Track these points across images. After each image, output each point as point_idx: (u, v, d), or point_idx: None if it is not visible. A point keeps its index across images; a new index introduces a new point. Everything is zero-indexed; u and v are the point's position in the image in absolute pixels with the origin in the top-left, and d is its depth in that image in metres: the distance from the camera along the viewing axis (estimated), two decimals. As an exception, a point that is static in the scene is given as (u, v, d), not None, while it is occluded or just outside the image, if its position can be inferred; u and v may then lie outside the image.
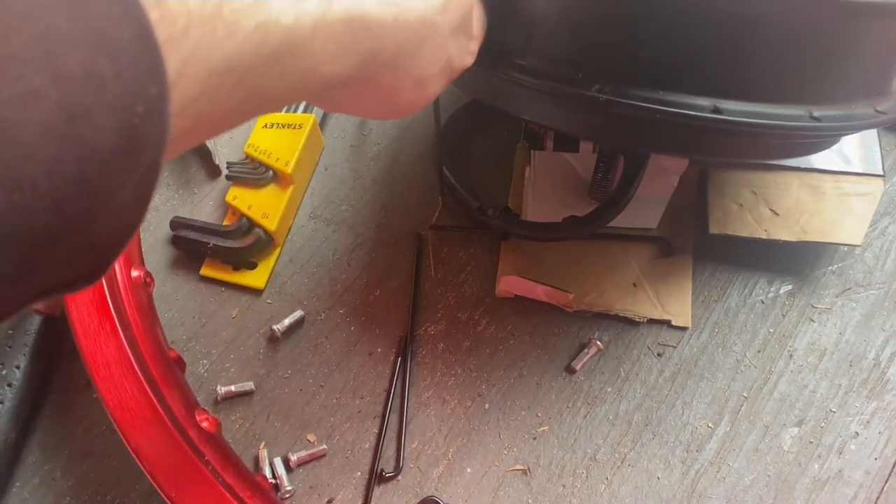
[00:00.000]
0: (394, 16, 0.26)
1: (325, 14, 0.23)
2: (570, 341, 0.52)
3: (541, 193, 0.55)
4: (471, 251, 0.56)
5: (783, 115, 0.36)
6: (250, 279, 0.54)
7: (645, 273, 0.54)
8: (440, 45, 0.30)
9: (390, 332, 0.52)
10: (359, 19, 0.24)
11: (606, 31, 0.36)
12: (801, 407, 0.50)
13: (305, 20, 0.22)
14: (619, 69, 0.36)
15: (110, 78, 0.16)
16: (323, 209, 0.57)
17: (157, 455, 0.41)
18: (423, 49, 0.29)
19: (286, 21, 0.21)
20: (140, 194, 0.18)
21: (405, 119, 0.61)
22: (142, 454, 0.41)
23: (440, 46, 0.30)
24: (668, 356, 0.51)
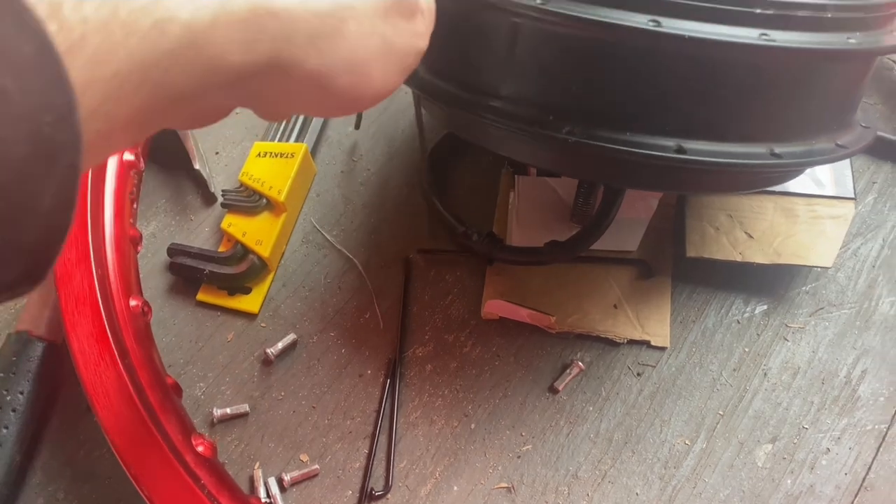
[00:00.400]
0: (301, 1, 0.26)
1: (225, 4, 0.23)
2: (552, 362, 0.54)
3: (525, 218, 0.57)
4: (457, 274, 0.58)
5: (745, 153, 0.38)
6: (245, 304, 0.56)
7: (625, 295, 0.56)
8: (366, 26, 0.29)
9: (380, 354, 0.54)
10: (262, 6, 0.24)
11: (575, 76, 0.38)
12: (774, 424, 0.51)
13: (203, 13, 0.22)
14: (587, 112, 0.38)
15: (15, 92, 0.18)
16: (314, 234, 0.60)
17: (155, 480, 0.43)
18: (344, 32, 0.28)
19: (183, 15, 0.22)
20: (62, 198, 0.20)
21: (393, 145, 0.64)
22: (140, 479, 0.43)
23: (367, 28, 0.29)
24: (648, 375, 0.53)
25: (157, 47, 0.21)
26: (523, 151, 0.43)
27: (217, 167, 0.63)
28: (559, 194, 0.59)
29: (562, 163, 0.42)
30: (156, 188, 0.62)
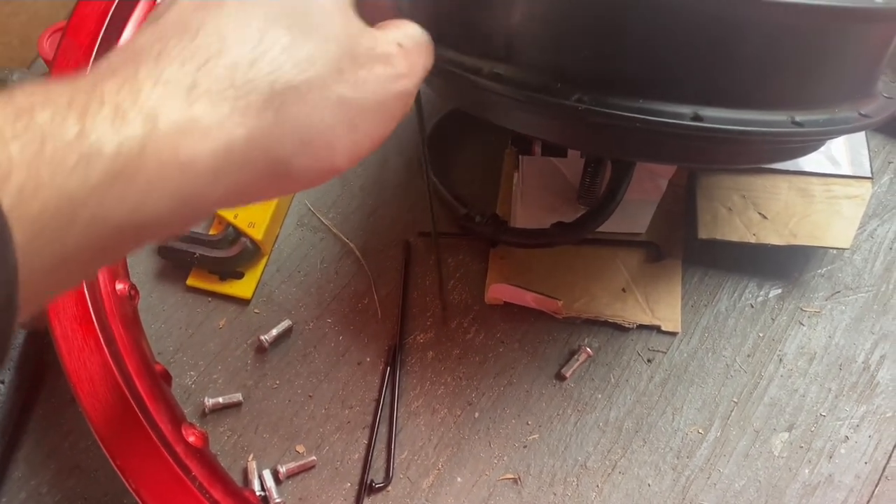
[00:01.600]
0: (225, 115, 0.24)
1: (152, 133, 0.22)
2: (559, 348, 0.52)
3: (529, 199, 0.55)
4: (459, 258, 0.55)
5: (765, 120, 0.36)
6: (237, 289, 0.54)
7: (634, 278, 0.54)
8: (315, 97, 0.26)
9: (379, 341, 0.52)
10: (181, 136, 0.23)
11: (585, 39, 0.36)
12: (791, 411, 0.49)
13: (130, 144, 0.22)
14: (598, 78, 0.36)
15: None
16: (310, 217, 0.57)
17: (143, 472, 0.41)
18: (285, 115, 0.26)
19: (108, 149, 0.21)
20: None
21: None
22: (127, 471, 0.40)
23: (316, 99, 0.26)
24: (658, 362, 0.51)
25: (84, 183, 0.21)
26: (529, 122, 0.41)
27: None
28: (565, 175, 0.56)
29: (570, 134, 0.40)
30: (145, 171, 0.60)
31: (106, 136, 0.21)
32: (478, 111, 0.43)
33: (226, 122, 0.24)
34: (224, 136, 0.24)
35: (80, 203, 0.21)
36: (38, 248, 0.21)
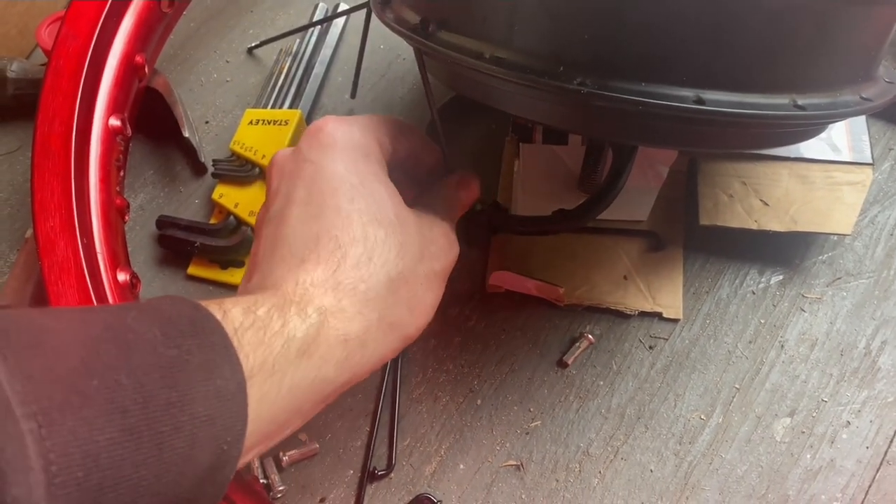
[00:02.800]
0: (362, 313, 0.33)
1: (323, 323, 0.31)
2: (561, 335, 0.52)
3: (530, 187, 0.55)
4: (460, 247, 0.55)
5: (767, 104, 0.36)
6: (238, 278, 0.54)
7: (635, 266, 0.54)
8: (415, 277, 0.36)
9: (380, 329, 0.52)
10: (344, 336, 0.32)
11: (587, 22, 0.35)
12: (792, 397, 0.49)
13: (310, 331, 0.30)
14: (599, 61, 0.36)
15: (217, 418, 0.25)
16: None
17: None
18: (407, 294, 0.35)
19: (299, 335, 0.30)
20: (214, 500, 0.27)
21: (392, 112, 0.61)
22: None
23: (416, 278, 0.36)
24: (660, 348, 0.51)
25: (287, 358, 0.29)
26: (531, 107, 0.41)
27: (207, 136, 0.60)
28: (565, 162, 0.56)
29: (572, 118, 0.40)
30: (143, 159, 0.59)
31: (297, 326, 0.30)
32: (479, 96, 0.43)
33: (364, 310, 0.32)
34: (365, 320, 0.32)
35: (283, 373, 0.29)
36: (258, 408, 0.28)
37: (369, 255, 0.33)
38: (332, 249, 0.33)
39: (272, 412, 0.29)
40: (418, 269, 0.35)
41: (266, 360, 0.28)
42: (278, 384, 0.29)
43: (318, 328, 0.30)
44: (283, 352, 0.29)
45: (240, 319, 0.28)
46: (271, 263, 0.33)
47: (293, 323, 0.30)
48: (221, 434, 0.25)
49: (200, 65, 0.64)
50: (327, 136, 0.36)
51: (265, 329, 0.28)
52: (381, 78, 0.62)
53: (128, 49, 0.51)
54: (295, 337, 0.29)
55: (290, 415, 0.30)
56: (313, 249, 0.33)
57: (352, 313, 0.32)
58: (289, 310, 0.30)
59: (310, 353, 0.30)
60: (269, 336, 0.28)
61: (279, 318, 0.29)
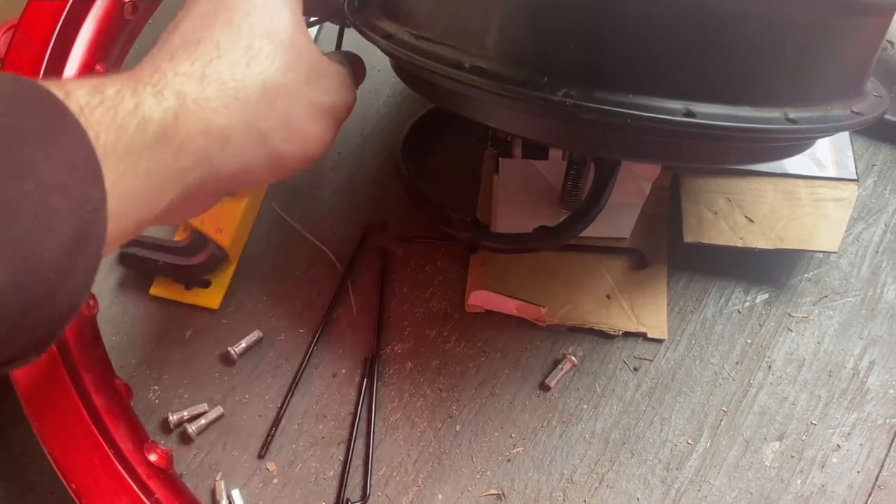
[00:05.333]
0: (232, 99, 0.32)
1: (182, 107, 0.29)
2: (543, 357, 0.50)
3: (509, 203, 0.53)
4: (437, 264, 0.53)
5: (758, 117, 0.35)
6: (204, 298, 0.51)
7: (619, 284, 0.52)
8: (293, 98, 0.34)
9: (355, 352, 0.50)
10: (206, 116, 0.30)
11: (573, 29, 0.34)
12: (781, 420, 0.48)
13: (168, 114, 0.28)
14: (586, 72, 0.34)
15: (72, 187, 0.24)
16: (281, 222, 0.55)
17: (101, 495, 0.38)
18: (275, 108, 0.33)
19: (156, 116, 0.28)
20: (86, 278, 0.25)
21: (367, 127, 0.59)
22: (84, 495, 0.37)
23: (294, 99, 0.34)
24: (645, 370, 0.50)
25: (143, 139, 0.27)
26: (512, 120, 0.39)
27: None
28: (546, 177, 0.55)
29: (556, 131, 0.38)
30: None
31: (153, 108, 0.28)
32: (458, 108, 0.41)
33: (231, 107, 0.31)
34: (230, 117, 0.31)
35: (139, 155, 0.27)
36: (117, 187, 0.26)
37: (247, 62, 0.32)
38: (210, 50, 0.32)
39: (132, 191, 0.27)
40: (302, 91, 0.34)
41: (119, 139, 0.26)
42: (135, 166, 0.27)
43: (177, 113, 0.29)
44: (138, 133, 0.27)
45: (85, 99, 0.26)
46: (146, 58, 0.32)
47: (148, 104, 0.28)
48: (79, 203, 0.24)
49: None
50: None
51: (116, 108, 0.27)
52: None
53: (87, 58, 0.48)
54: (151, 119, 0.28)
55: (151, 198, 0.29)
56: (189, 49, 0.31)
57: (215, 105, 0.30)
58: (143, 90, 0.28)
59: (167, 137, 0.28)
60: (121, 116, 0.27)
61: (132, 98, 0.28)
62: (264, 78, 0.32)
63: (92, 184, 0.25)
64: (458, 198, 0.55)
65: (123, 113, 0.27)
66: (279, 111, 0.33)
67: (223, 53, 0.32)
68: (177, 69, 0.30)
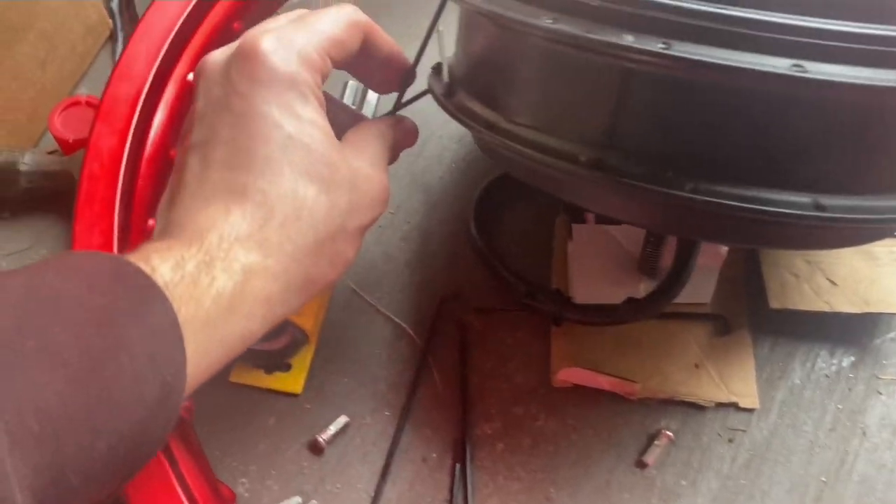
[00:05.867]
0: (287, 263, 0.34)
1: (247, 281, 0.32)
2: (636, 432, 0.49)
3: (586, 271, 0.53)
4: (517, 336, 0.52)
5: (886, 206, 0.34)
6: (286, 383, 0.50)
7: (705, 352, 0.51)
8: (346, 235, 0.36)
9: (444, 434, 0.49)
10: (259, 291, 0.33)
11: (701, 127, 0.33)
12: (882, 489, 0.47)
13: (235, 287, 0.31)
14: (713, 167, 0.34)
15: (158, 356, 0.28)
16: (355, 298, 0.54)
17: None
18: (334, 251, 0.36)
19: (227, 290, 0.31)
20: (167, 428, 0.29)
21: (432, 194, 0.58)
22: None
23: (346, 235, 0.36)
24: (740, 441, 0.49)
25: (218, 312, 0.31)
26: (626, 209, 0.38)
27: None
28: (620, 243, 0.54)
29: (676, 222, 0.38)
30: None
31: (225, 283, 0.31)
32: (562, 194, 0.41)
33: (289, 269, 0.33)
34: (287, 278, 0.33)
35: (214, 326, 0.31)
36: (194, 353, 0.29)
37: (297, 215, 0.33)
38: (259, 203, 0.32)
39: (207, 354, 0.30)
40: (347, 225, 0.35)
41: (197, 314, 0.29)
42: (210, 337, 0.30)
43: (244, 285, 0.31)
44: (213, 307, 0.30)
45: (169, 275, 0.29)
46: (195, 203, 0.33)
47: (221, 280, 0.31)
48: (163, 368, 0.28)
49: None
50: (261, 68, 0.33)
51: (195, 284, 0.30)
52: (417, 157, 0.60)
53: (161, 140, 0.47)
54: (223, 294, 0.30)
55: (221, 356, 0.32)
56: (239, 201, 0.32)
57: (276, 272, 0.32)
58: (215, 266, 0.31)
59: (235, 308, 0.31)
60: (198, 292, 0.30)
61: (207, 275, 0.30)
62: (315, 231, 0.34)
63: (175, 350, 0.28)
64: (531, 265, 0.54)
65: (201, 289, 0.30)
66: (327, 253, 0.35)
67: (273, 208, 0.33)
68: (238, 233, 0.32)
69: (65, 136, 0.54)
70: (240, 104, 0.33)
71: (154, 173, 0.46)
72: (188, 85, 0.48)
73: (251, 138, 0.33)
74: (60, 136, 0.54)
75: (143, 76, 0.45)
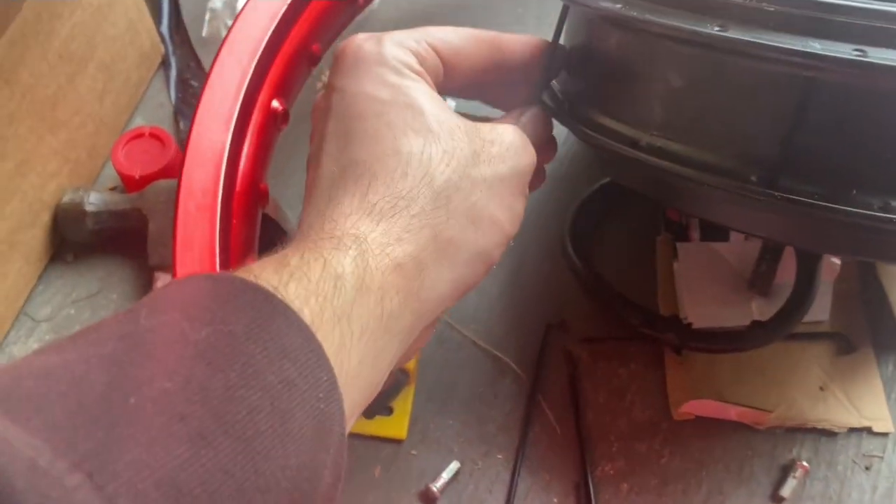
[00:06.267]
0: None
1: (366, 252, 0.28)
2: (766, 464, 0.46)
3: (697, 293, 0.49)
4: (630, 367, 0.49)
5: None
6: (389, 428, 0.46)
7: (829, 374, 0.48)
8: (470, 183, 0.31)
9: (563, 476, 0.45)
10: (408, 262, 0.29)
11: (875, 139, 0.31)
12: None
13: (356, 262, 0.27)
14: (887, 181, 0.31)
15: (298, 380, 0.22)
16: (451, 331, 0.50)
17: None
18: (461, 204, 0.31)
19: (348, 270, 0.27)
20: (336, 470, 0.24)
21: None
22: None
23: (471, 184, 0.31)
24: (877, 469, 0.46)
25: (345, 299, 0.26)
26: (795, 231, 0.35)
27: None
28: (728, 261, 0.51)
29: (854, 243, 0.35)
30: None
31: (340, 262, 0.26)
32: (709, 216, 0.38)
33: (410, 227, 0.28)
34: (414, 239, 0.28)
35: (348, 316, 0.25)
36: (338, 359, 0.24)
37: (403, 171, 0.29)
38: (359, 175, 0.29)
39: (354, 356, 0.25)
40: (473, 174, 0.31)
41: (323, 308, 0.25)
42: (348, 328, 0.25)
43: (365, 258, 0.27)
44: (337, 293, 0.25)
45: (275, 277, 0.25)
46: (306, 212, 0.31)
47: (335, 260, 0.26)
48: (309, 392, 0.22)
49: (297, 176, 0.56)
50: (351, 57, 0.32)
51: (307, 277, 0.25)
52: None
53: (250, 173, 0.43)
54: (343, 274, 0.26)
55: (373, 357, 0.27)
56: (339, 183, 0.30)
57: (397, 233, 0.28)
58: (323, 248, 0.27)
59: (366, 287, 0.26)
60: (314, 283, 0.25)
61: (317, 260, 0.26)
62: (430, 180, 0.29)
63: (316, 364, 0.23)
64: (633, 288, 0.51)
65: (315, 278, 0.25)
66: (458, 209, 0.30)
67: (375, 172, 0.29)
68: (341, 211, 0.29)
69: (131, 172, 0.50)
70: (337, 97, 0.32)
71: (246, 210, 0.42)
72: (273, 112, 0.45)
73: (349, 119, 0.31)
74: (126, 172, 0.50)
75: (230, 106, 0.41)
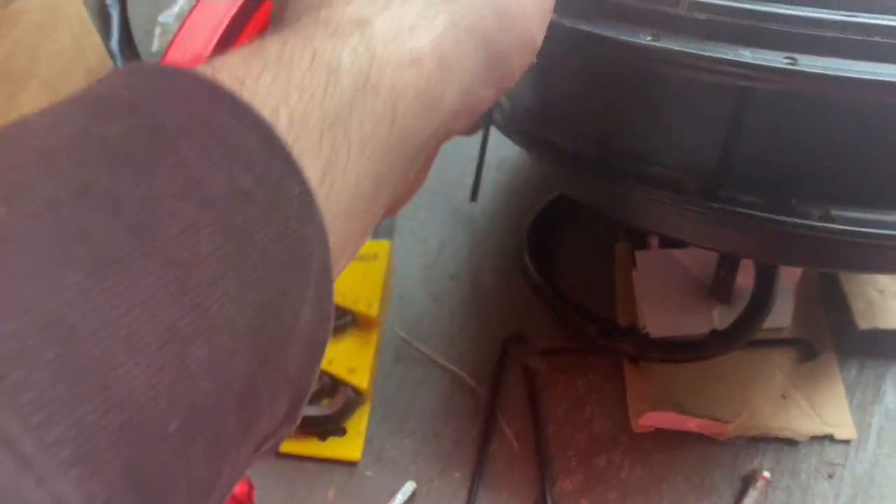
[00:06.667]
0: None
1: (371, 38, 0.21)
2: (727, 475, 0.45)
3: (656, 301, 0.49)
4: (589, 378, 0.48)
5: None
6: (342, 449, 0.45)
7: (791, 381, 0.48)
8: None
9: (521, 493, 0.44)
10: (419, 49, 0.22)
11: (832, 148, 0.30)
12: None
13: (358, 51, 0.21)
14: (851, 190, 0.30)
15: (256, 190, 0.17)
16: (407, 348, 0.49)
17: None
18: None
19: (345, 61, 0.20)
20: (320, 307, 0.18)
21: (478, 228, 0.54)
22: None
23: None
24: (840, 476, 0.45)
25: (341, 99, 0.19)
26: (740, 241, 0.35)
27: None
28: (687, 267, 0.50)
29: (797, 253, 0.34)
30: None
31: (338, 51, 0.20)
32: (662, 229, 0.37)
33: (424, 14, 0.23)
34: (430, 26, 0.22)
35: (344, 122, 0.19)
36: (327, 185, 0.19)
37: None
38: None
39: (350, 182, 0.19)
40: None
41: (309, 108, 0.19)
42: (343, 137, 0.19)
43: (370, 49, 0.21)
44: (330, 91, 0.19)
45: (242, 68, 0.18)
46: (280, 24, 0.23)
47: (330, 48, 0.20)
48: (272, 208, 0.17)
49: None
50: None
51: (288, 68, 0.19)
52: (456, 188, 0.55)
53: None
54: (340, 67, 0.20)
55: (374, 190, 0.21)
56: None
57: (411, 19, 0.22)
58: (315, 36, 0.20)
59: (371, 85, 0.20)
60: (298, 76, 0.19)
61: (304, 48, 0.20)
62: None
63: (284, 173, 0.17)
64: (592, 298, 0.50)
65: (301, 71, 0.19)
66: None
67: None
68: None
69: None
70: None
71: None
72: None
73: None
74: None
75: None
